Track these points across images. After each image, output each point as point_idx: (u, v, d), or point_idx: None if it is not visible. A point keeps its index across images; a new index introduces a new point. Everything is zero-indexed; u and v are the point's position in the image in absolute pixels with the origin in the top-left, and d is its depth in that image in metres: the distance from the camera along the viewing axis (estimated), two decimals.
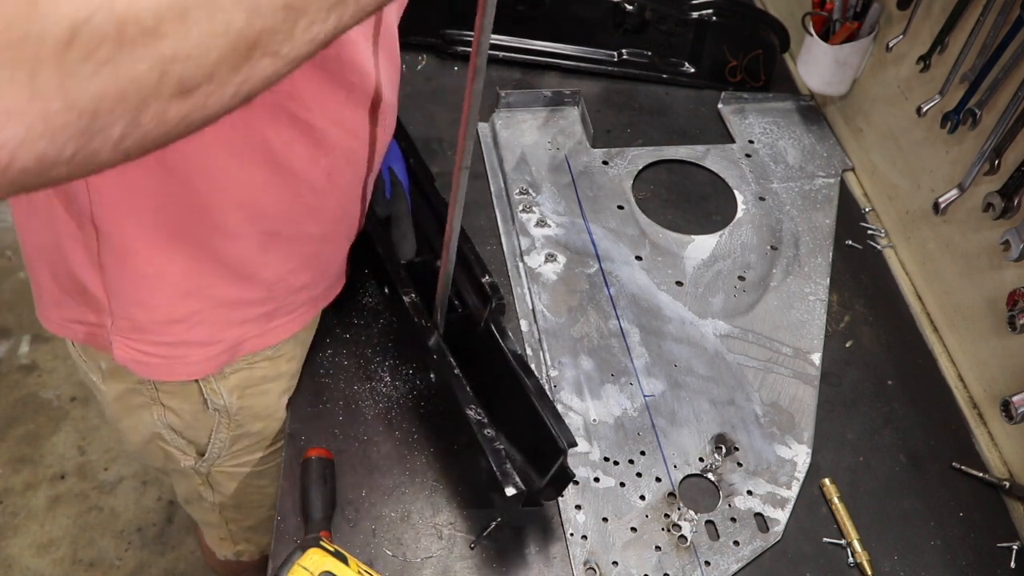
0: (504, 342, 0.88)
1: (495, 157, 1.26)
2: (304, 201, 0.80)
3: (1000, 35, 0.97)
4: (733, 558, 0.88)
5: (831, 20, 1.26)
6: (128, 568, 1.89)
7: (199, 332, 0.85)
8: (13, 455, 2.05)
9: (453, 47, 1.40)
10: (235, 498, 1.12)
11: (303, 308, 0.93)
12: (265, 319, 0.89)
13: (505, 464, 0.79)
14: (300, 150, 0.76)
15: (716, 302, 1.11)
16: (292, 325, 0.93)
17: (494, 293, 0.90)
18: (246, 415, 0.95)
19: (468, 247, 0.95)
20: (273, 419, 0.99)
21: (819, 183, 1.29)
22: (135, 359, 0.85)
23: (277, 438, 1.03)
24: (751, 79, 1.42)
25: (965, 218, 1.05)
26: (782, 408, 1.01)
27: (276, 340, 0.92)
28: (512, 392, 0.84)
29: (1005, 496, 0.98)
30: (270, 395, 0.95)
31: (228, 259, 0.80)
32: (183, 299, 0.82)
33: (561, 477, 0.81)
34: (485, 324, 0.90)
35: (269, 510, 1.16)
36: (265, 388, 0.94)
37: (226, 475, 1.06)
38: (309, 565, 0.69)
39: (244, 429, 0.97)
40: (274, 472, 1.08)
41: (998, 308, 0.98)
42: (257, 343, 0.90)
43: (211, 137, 0.56)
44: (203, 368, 0.88)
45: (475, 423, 0.82)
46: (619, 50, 1.42)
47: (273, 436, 1.02)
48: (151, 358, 0.86)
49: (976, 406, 1.05)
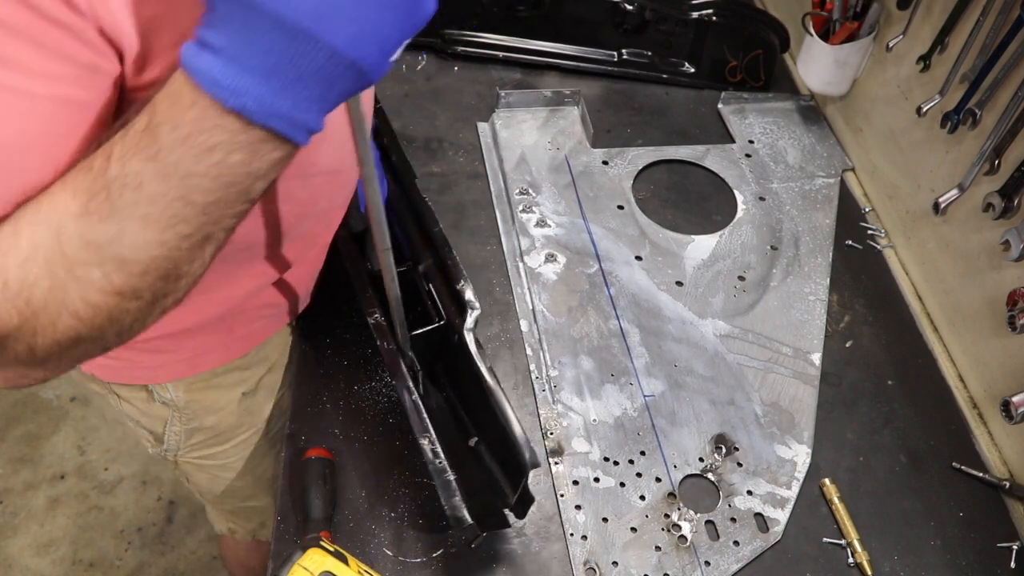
0: (477, 358, 0.85)
1: (495, 157, 1.26)
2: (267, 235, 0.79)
3: (1000, 35, 0.97)
4: (733, 558, 0.88)
5: (831, 20, 1.26)
6: (128, 568, 1.89)
7: (153, 343, 0.86)
8: (13, 455, 2.05)
9: (453, 47, 1.40)
10: (208, 487, 1.14)
11: (263, 322, 0.93)
12: (224, 334, 0.90)
13: (454, 497, 0.78)
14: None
15: (716, 302, 1.11)
16: (251, 340, 0.94)
17: (469, 304, 0.88)
18: (196, 408, 0.96)
19: (446, 251, 0.92)
20: (227, 413, 0.99)
21: (819, 183, 1.29)
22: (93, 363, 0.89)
23: (238, 433, 1.04)
24: (751, 79, 1.42)
25: (965, 218, 1.05)
26: (782, 408, 1.01)
27: (238, 354, 0.93)
28: (487, 407, 0.83)
29: (1005, 496, 0.98)
30: (220, 390, 0.96)
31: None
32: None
33: (524, 498, 0.80)
34: (459, 337, 0.87)
35: (244, 500, 1.18)
36: (214, 383, 0.95)
37: (193, 466, 1.08)
38: (309, 565, 0.69)
39: (197, 423, 0.98)
40: (239, 466, 1.09)
41: (998, 308, 0.98)
42: (215, 357, 0.92)
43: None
44: (157, 375, 0.90)
45: (427, 452, 0.81)
46: (619, 50, 1.42)
47: (232, 431, 1.03)
48: (108, 361, 0.88)
49: (976, 406, 1.05)
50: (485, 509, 0.82)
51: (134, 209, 0.48)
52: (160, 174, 0.47)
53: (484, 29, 1.40)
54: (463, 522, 0.78)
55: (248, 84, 0.45)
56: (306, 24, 0.44)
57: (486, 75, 1.40)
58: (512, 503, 0.80)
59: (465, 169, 1.24)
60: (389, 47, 0.48)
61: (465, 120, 1.31)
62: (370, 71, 0.48)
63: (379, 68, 0.48)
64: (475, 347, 0.85)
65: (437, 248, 0.93)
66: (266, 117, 0.46)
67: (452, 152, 1.26)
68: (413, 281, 0.95)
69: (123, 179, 0.48)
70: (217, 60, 0.45)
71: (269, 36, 0.44)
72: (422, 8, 0.48)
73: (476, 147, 1.28)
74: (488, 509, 0.82)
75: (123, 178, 0.48)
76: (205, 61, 0.45)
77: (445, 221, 1.15)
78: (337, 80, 0.47)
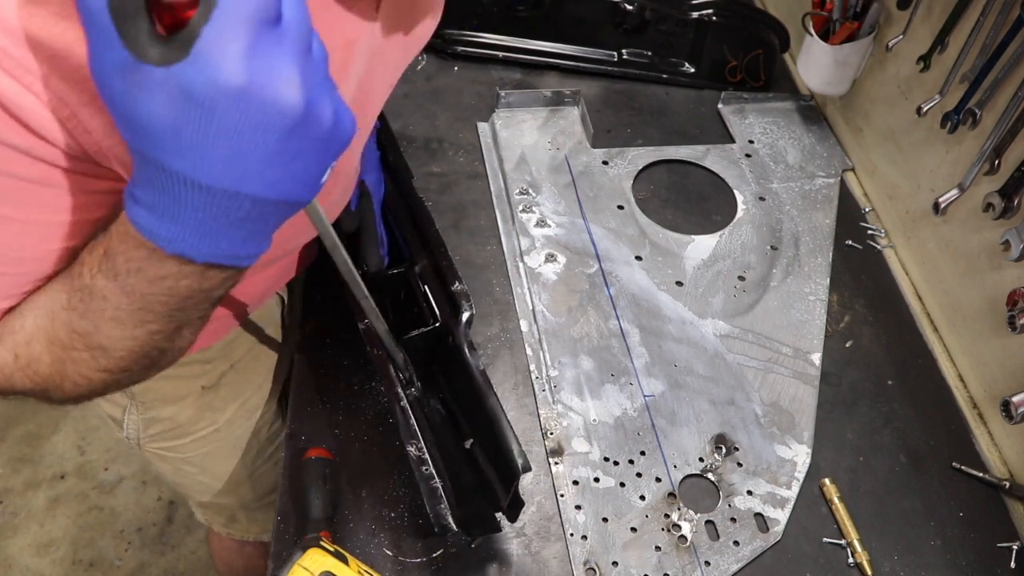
0: (470, 358, 0.84)
1: (495, 157, 1.26)
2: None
3: (1000, 35, 0.97)
4: (733, 558, 0.88)
5: (831, 20, 1.26)
6: (128, 568, 1.89)
7: None
8: (13, 455, 2.05)
9: (453, 47, 1.40)
10: (172, 478, 1.14)
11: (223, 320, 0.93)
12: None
13: (440, 504, 0.79)
14: None
15: (716, 302, 1.11)
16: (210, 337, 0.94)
17: (465, 300, 0.87)
18: (152, 397, 0.97)
19: (441, 252, 0.91)
20: (185, 405, 0.99)
21: (819, 183, 1.29)
22: None
23: (197, 429, 1.03)
24: (751, 79, 1.42)
25: (965, 218, 1.05)
26: (782, 408, 1.01)
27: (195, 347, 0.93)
28: (480, 409, 0.82)
29: (1005, 496, 0.98)
30: (178, 380, 0.96)
31: None
32: None
33: (516, 501, 0.80)
34: (453, 339, 0.87)
35: (212, 497, 1.17)
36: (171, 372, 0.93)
37: (156, 456, 1.08)
38: (309, 565, 0.69)
39: (154, 413, 0.98)
40: (201, 462, 1.09)
41: (998, 308, 0.98)
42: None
43: None
44: None
45: (414, 460, 0.81)
46: (619, 50, 1.42)
47: (191, 426, 1.02)
48: None
49: (976, 406, 1.05)
50: (477, 513, 0.81)
51: (103, 312, 0.54)
52: (121, 291, 0.52)
53: (484, 29, 1.40)
54: (448, 529, 0.78)
55: (182, 235, 0.48)
56: (221, 183, 0.45)
57: (486, 75, 1.40)
58: (505, 507, 0.80)
59: (465, 169, 1.24)
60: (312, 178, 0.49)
61: (465, 120, 1.31)
62: (301, 200, 0.50)
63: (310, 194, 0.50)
64: (467, 349, 0.85)
65: (432, 249, 0.92)
66: (207, 258, 0.50)
67: (452, 152, 1.26)
68: (409, 282, 0.95)
69: (91, 289, 0.54)
70: (151, 216, 0.48)
71: (191, 195, 0.46)
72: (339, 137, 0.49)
73: (476, 147, 1.28)
74: (480, 513, 0.82)
75: (91, 288, 0.54)
76: (140, 215, 0.48)
77: (445, 221, 1.15)
78: (269, 217, 0.50)
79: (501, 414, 0.79)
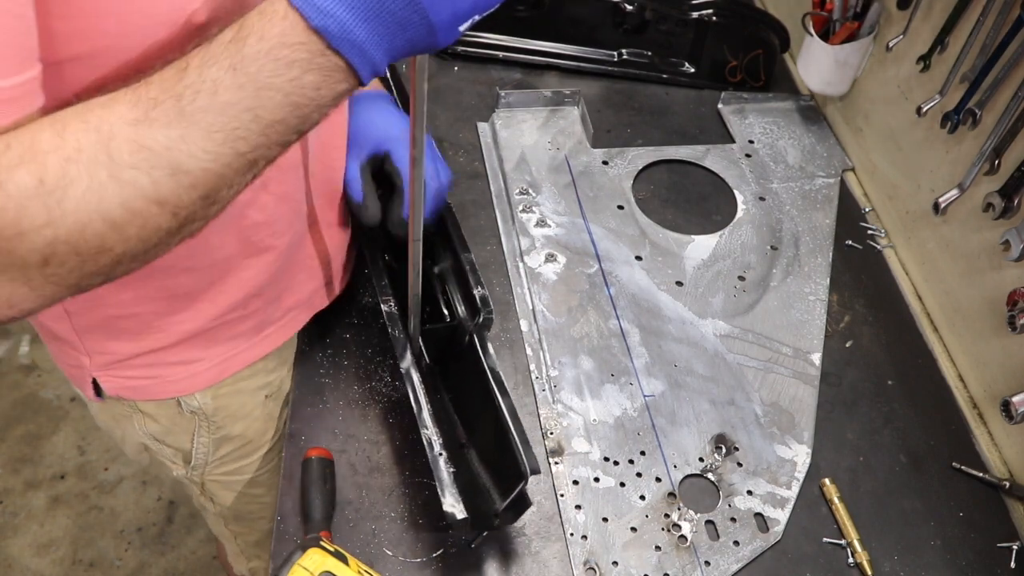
0: (485, 358, 0.86)
1: (495, 157, 1.26)
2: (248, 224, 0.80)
3: (1000, 35, 0.97)
4: (733, 558, 0.88)
5: (831, 20, 1.26)
6: (128, 568, 1.90)
7: (178, 354, 0.86)
8: (13, 455, 2.05)
9: (453, 47, 1.39)
10: (234, 509, 1.11)
11: (291, 315, 0.93)
12: (252, 332, 0.90)
13: (451, 488, 0.79)
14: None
15: (716, 302, 1.11)
16: (281, 334, 0.94)
17: (484, 306, 0.89)
18: (223, 416, 0.95)
19: (466, 257, 0.94)
20: (253, 419, 0.98)
21: (819, 183, 1.29)
22: (121, 386, 0.87)
23: (264, 442, 1.02)
24: (751, 79, 1.42)
25: (965, 218, 1.05)
26: (782, 408, 1.01)
27: (265, 351, 0.92)
28: (487, 409, 0.84)
29: (1005, 496, 0.98)
30: (244, 394, 0.95)
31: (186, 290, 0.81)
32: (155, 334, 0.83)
33: (520, 503, 0.80)
34: (470, 337, 0.89)
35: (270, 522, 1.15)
36: (239, 387, 0.94)
37: (219, 484, 1.06)
38: (309, 565, 0.69)
39: (225, 431, 0.97)
40: (269, 480, 1.07)
41: (998, 308, 0.98)
42: (246, 357, 0.91)
43: None
44: (189, 385, 0.89)
45: (427, 443, 0.82)
46: (619, 50, 1.42)
47: (259, 439, 1.01)
48: (136, 382, 0.87)
49: (976, 406, 1.05)
50: (481, 511, 0.82)
51: (203, 116, 0.50)
52: (237, 84, 0.50)
53: (484, 29, 1.40)
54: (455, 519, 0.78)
55: (334, 7, 0.49)
56: None
57: (486, 75, 1.40)
58: (500, 509, 0.80)
59: (465, 169, 1.24)
60: (460, 12, 0.53)
61: (465, 120, 1.31)
62: (438, 28, 0.52)
63: (447, 29, 0.53)
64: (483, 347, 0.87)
65: (456, 250, 0.94)
66: (343, 43, 0.50)
67: (452, 152, 1.26)
68: (428, 279, 0.96)
69: (199, 85, 0.50)
70: None
71: None
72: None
73: (476, 147, 1.28)
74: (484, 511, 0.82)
75: (199, 84, 0.50)
76: None
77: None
78: (409, 26, 0.52)
79: (516, 414, 0.81)
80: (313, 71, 0.51)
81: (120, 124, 0.50)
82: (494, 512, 0.81)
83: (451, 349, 0.93)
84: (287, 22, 0.50)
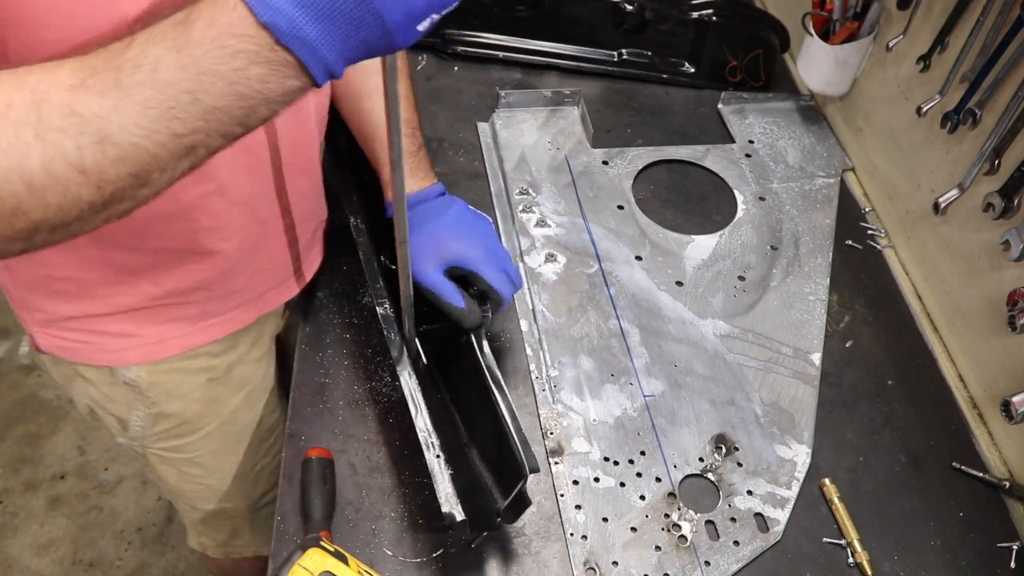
0: (482, 357, 0.86)
1: (495, 157, 1.26)
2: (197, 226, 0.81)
3: (1000, 35, 0.97)
4: (733, 558, 0.88)
5: (831, 20, 1.26)
6: (128, 568, 1.89)
7: (114, 324, 0.88)
8: (13, 455, 2.05)
9: (453, 47, 1.40)
10: (174, 484, 1.12)
11: (237, 311, 0.94)
12: (193, 320, 0.91)
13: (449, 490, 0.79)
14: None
15: (716, 302, 1.11)
16: (224, 327, 0.95)
17: (481, 305, 0.90)
18: (158, 392, 0.96)
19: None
20: (192, 400, 0.99)
21: (819, 183, 1.29)
22: (56, 345, 0.91)
23: (203, 424, 1.03)
24: (751, 79, 1.42)
25: (965, 218, 1.05)
26: (782, 408, 1.01)
27: (204, 341, 0.94)
28: (486, 408, 0.84)
29: (1005, 496, 0.98)
30: (183, 374, 0.96)
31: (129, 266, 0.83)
32: (92, 300, 0.85)
33: (520, 502, 0.80)
34: (467, 337, 0.89)
35: (216, 503, 1.15)
36: (176, 366, 0.95)
37: (160, 459, 1.07)
38: (309, 565, 0.69)
39: (160, 408, 0.98)
40: (205, 461, 1.08)
41: (998, 308, 0.98)
42: (184, 343, 0.92)
43: None
44: (121, 357, 0.91)
45: (424, 445, 0.82)
46: (619, 50, 1.42)
47: (198, 420, 1.02)
48: (70, 344, 0.90)
49: (976, 406, 1.05)
50: (480, 510, 0.82)
51: (140, 90, 0.50)
52: (179, 64, 0.49)
53: (484, 29, 1.40)
54: (453, 519, 0.78)
55: (283, 3, 0.48)
56: None
57: (486, 75, 1.40)
58: (501, 508, 0.80)
59: (465, 169, 1.24)
60: (415, 12, 0.51)
61: (465, 120, 1.31)
62: (394, 29, 0.51)
63: (404, 30, 0.51)
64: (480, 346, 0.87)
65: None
66: (292, 40, 0.49)
67: (452, 152, 1.26)
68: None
69: (140, 60, 0.50)
70: None
71: None
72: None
73: (476, 147, 1.28)
74: (483, 511, 0.82)
75: (140, 58, 0.50)
76: None
77: None
78: (363, 26, 0.50)
79: (515, 413, 0.81)
80: (260, 64, 0.50)
81: (56, 88, 0.50)
82: (495, 511, 0.81)
83: (450, 349, 0.93)
84: (236, 14, 0.49)
